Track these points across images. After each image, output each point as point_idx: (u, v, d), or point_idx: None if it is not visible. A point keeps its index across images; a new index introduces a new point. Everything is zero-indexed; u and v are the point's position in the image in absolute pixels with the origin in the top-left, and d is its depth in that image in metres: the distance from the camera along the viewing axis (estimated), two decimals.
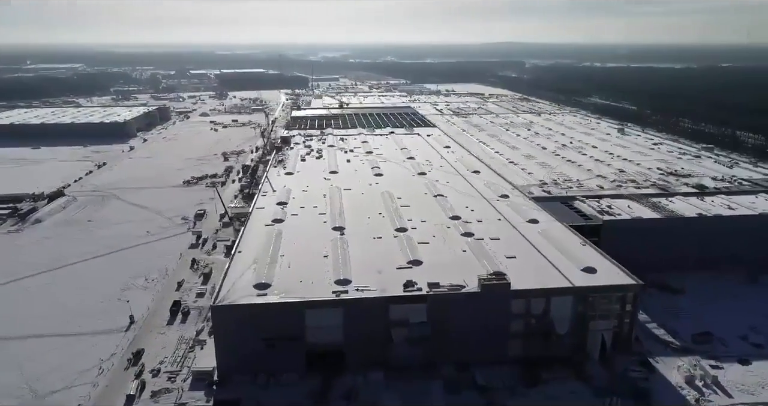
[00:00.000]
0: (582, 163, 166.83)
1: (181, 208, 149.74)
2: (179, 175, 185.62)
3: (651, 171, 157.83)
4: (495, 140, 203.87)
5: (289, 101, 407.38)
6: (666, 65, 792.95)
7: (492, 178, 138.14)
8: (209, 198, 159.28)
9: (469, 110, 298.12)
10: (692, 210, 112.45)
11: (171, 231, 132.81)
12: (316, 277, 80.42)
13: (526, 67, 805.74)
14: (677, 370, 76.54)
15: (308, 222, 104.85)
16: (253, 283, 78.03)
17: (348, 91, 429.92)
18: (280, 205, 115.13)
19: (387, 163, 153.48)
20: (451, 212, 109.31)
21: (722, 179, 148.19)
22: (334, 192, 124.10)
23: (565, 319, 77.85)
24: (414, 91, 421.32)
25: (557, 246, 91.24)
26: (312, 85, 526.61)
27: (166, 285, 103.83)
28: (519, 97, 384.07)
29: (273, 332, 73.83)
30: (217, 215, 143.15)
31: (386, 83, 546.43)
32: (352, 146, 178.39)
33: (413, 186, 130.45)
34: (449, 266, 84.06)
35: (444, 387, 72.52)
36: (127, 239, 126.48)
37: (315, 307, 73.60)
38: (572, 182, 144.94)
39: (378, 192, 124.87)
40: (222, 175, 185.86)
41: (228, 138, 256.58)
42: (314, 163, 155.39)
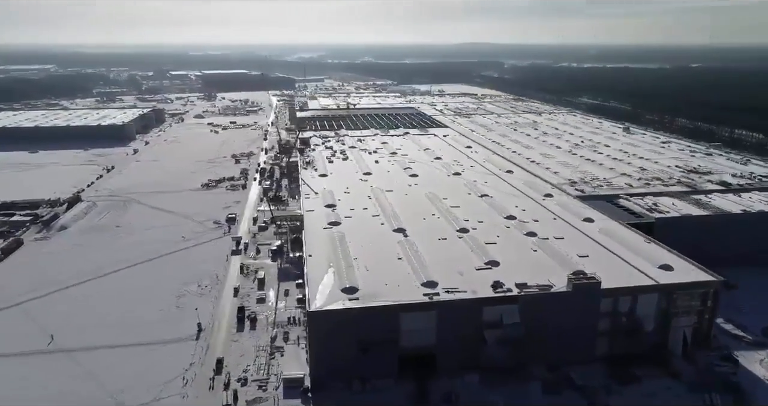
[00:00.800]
0: (602, 161, 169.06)
1: (209, 212, 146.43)
2: (194, 179, 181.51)
3: (671, 169, 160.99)
4: (507, 140, 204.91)
5: (281, 103, 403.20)
6: (639, 65, 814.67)
7: (528, 178, 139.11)
8: (234, 202, 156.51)
9: (469, 110, 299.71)
10: (735, 206, 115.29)
11: (206, 236, 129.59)
12: (400, 280, 79.45)
13: (505, 67, 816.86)
14: (759, 363, 78.28)
15: (366, 224, 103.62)
16: (339, 287, 76.57)
17: (338, 92, 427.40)
18: (329, 207, 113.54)
19: (417, 164, 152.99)
20: (503, 212, 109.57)
21: (741, 176, 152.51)
22: (378, 193, 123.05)
23: (650, 316, 78.83)
24: (406, 92, 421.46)
25: (624, 244, 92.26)
26: (299, 86, 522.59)
27: (222, 291, 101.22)
28: (512, 97, 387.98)
29: (368, 337, 72.60)
30: (246, 219, 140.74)
31: (373, 84, 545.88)
32: (373, 147, 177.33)
33: (453, 186, 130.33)
34: (525, 266, 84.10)
35: (542, 388, 72.50)
36: (164, 245, 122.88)
37: (410, 310, 72.64)
38: (600, 180, 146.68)
39: (421, 193, 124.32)
40: (239, 177, 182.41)
41: (232, 140, 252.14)
42: (343, 164, 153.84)
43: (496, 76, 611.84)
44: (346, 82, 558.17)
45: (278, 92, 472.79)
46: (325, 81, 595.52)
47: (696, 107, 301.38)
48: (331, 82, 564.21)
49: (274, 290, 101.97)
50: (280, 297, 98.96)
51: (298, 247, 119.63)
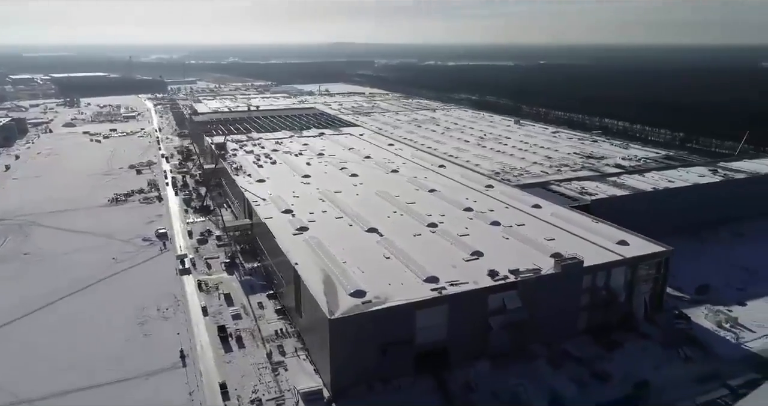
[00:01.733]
0: (511, 152, 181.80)
1: (132, 229, 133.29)
2: (96, 194, 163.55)
3: (572, 156, 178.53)
4: (418, 136, 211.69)
5: (160, 107, 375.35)
6: (497, 63, 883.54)
7: (461, 171, 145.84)
8: (156, 215, 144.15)
9: (366, 109, 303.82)
10: (645, 185, 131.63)
11: (141, 255, 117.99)
12: (401, 279, 79.82)
13: (376, 66, 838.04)
14: (704, 317, 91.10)
15: (335, 227, 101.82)
16: (346, 292, 74.96)
17: (222, 94, 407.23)
18: (287, 213, 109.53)
19: (350, 164, 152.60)
20: (458, 205, 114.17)
21: (630, 159, 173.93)
22: (330, 196, 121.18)
23: (620, 288, 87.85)
24: (293, 93, 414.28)
25: (578, 225, 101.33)
26: (171, 89, 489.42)
27: (189, 312, 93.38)
28: (400, 95, 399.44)
29: (387, 338, 72.26)
30: (179, 233, 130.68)
31: (251, 85, 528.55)
32: (296, 149, 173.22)
33: (397, 184, 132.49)
34: (505, 253, 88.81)
35: (548, 364, 77.71)
36: (95, 270, 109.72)
37: (424, 307, 73.51)
38: (519, 170, 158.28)
39: (371, 192, 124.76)
40: (150, 189, 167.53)
41: (121, 149, 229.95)
42: (275, 169, 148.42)
43: (375, 75, 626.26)
44: (221, 84, 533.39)
45: (151, 96, 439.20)
46: (198, 83, 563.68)
47: (563, 100, 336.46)
48: (206, 84, 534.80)
49: (245, 304, 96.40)
50: (255, 311, 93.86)
51: (251, 257, 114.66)
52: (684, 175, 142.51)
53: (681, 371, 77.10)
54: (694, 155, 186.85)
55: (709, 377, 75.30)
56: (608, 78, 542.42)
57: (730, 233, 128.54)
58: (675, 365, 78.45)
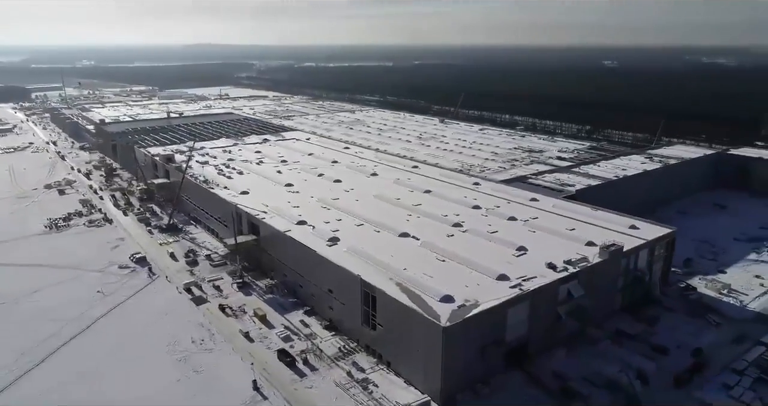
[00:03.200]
0: (459, 150, 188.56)
1: (97, 256, 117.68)
2: (22, 220, 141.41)
3: (515, 151, 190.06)
4: (357, 138, 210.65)
5: (36, 117, 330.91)
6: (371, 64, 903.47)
7: (436, 170, 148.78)
8: (118, 239, 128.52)
9: (284, 113, 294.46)
10: (608, 174, 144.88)
11: (130, 285, 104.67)
12: (472, 280, 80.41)
13: (257, 68, 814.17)
14: (705, 287, 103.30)
15: (365, 235, 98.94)
16: (436, 298, 73.89)
17: (108, 103, 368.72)
18: (302, 224, 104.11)
19: (322, 170, 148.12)
20: (464, 203, 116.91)
21: (565, 151, 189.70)
22: (331, 203, 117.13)
23: (645, 268, 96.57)
24: (189, 98, 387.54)
25: (583, 214, 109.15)
26: (36, 96, 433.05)
27: (231, 340, 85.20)
28: (308, 98, 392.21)
29: (486, 340, 72.66)
30: (160, 256, 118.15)
31: (130, 90, 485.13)
32: (252, 158, 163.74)
33: (387, 186, 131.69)
34: (543, 245, 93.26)
35: (612, 343, 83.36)
36: (84, 307, 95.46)
37: (514, 304, 75.00)
38: (478, 166, 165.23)
39: (368, 197, 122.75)
40: (89, 211, 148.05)
41: (19, 168, 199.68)
42: (247, 179, 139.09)
43: (269, 78, 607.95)
44: (94, 90, 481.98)
45: (16, 105, 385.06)
46: (65, 89, 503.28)
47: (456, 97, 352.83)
48: (78, 90, 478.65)
49: (286, 323, 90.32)
50: (302, 330, 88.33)
51: (259, 274, 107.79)
52: (629, 163, 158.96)
53: (717, 336, 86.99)
54: (613, 145, 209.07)
55: (742, 338, 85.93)
56: (486, 76, 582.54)
57: (676, 212, 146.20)
58: (709, 331, 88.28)
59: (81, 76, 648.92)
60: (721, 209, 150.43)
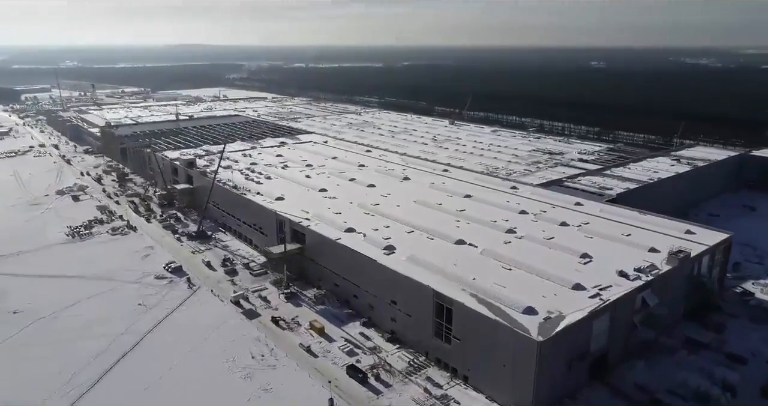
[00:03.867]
0: (481, 153, 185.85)
1: (129, 266, 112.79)
2: (41, 228, 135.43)
3: (534, 153, 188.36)
4: (372, 140, 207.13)
5: (30, 119, 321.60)
6: (362, 64, 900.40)
7: (467, 174, 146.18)
8: (146, 247, 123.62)
9: (287, 114, 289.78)
10: (642, 176, 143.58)
11: (170, 297, 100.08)
12: (546, 290, 77.76)
13: (248, 69, 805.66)
14: (761, 292, 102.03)
15: (420, 243, 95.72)
16: (518, 311, 71.04)
17: (105, 105, 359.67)
18: (350, 232, 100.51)
19: (352, 174, 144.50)
20: (509, 208, 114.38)
21: (584, 153, 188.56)
22: (372, 209, 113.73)
23: (707, 274, 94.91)
24: (188, 100, 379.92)
25: (633, 219, 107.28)
26: (25, 98, 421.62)
27: (292, 356, 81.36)
28: (309, 99, 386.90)
29: (573, 353, 70.05)
30: (195, 266, 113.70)
31: (122, 91, 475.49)
32: (275, 162, 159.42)
33: (424, 191, 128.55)
34: (606, 252, 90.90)
35: (686, 349, 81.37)
36: (127, 322, 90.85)
37: (598, 315, 72.48)
38: (504, 169, 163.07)
39: (408, 202, 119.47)
40: (109, 218, 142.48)
41: (24, 172, 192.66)
42: (277, 184, 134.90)
43: (267, 78, 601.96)
44: (86, 91, 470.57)
45: (7, 107, 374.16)
46: (53, 91, 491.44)
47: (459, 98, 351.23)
48: (69, 92, 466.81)
49: (345, 336, 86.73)
50: (363, 342, 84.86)
51: (303, 283, 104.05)
52: (657, 165, 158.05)
53: None
54: (630, 147, 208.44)
55: None
56: (480, 76, 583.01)
57: (707, 214, 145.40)
58: None
59: (66, 77, 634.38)
60: (751, 210, 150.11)
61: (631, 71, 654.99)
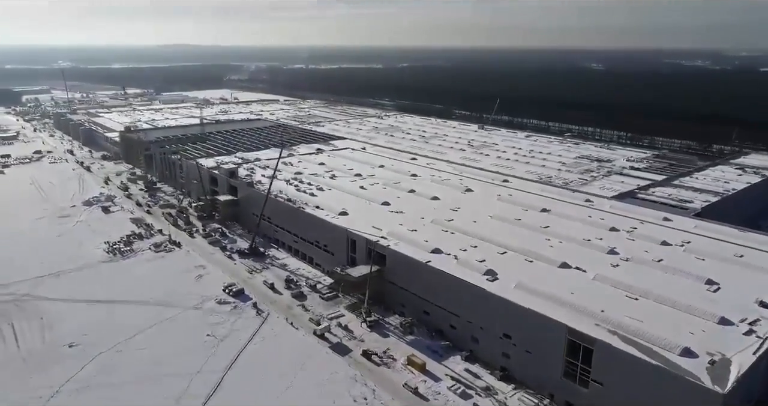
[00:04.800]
0: (527, 160, 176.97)
1: (183, 289, 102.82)
2: (76, 244, 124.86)
3: (582, 160, 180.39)
4: (406, 146, 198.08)
5: (36, 122, 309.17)
6: (361, 65, 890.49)
7: (528, 184, 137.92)
8: (197, 267, 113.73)
9: (306, 118, 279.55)
10: (716, 187, 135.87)
11: (239, 326, 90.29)
12: (691, 324, 69.19)
13: (251, 70, 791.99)
14: None
15: (520, 266, 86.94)
16: (675, 353, 62.30)
17: (114, 107, 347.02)
18: (437, 253, 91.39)
19: (406, 183, 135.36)
20: (596, 225, 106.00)
21: (633, 160, 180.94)
22: (449, 225, 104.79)
23: None
24: (196, 102, 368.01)
25: (734, 237, 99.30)
26: (26, 99, 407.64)
27: (397, 398, 72.11)
28: (323, 102, 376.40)
29: (743, 399, 61.54)
30: (253, 287, 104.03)
31: (125, 93, 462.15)
32: (320, 171, 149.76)
33: (495, 205, 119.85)
34: (730, 277, 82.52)
35: None
36: (200, 357, 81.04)
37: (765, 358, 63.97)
38: (558, 178, 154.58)
39: (483, 217, 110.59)
40: (147, 232, 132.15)
41: (44, 180, 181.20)
42: (330, 196, 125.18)
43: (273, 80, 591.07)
44: (88, 93, 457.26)
45: (9, 110, 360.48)
46: (52, 92, 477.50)
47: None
48: (71, 93, 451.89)
49: (449, 373, 77.61)
50: (472, 381, 75.84)
51: (383, 309, 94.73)
52: (723, 174, 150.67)
53: None
54: (676, 154, 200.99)
55: None
56: (483, 78, 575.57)
57: None
58: None
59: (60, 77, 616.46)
60: None
61: (635, 73, 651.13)
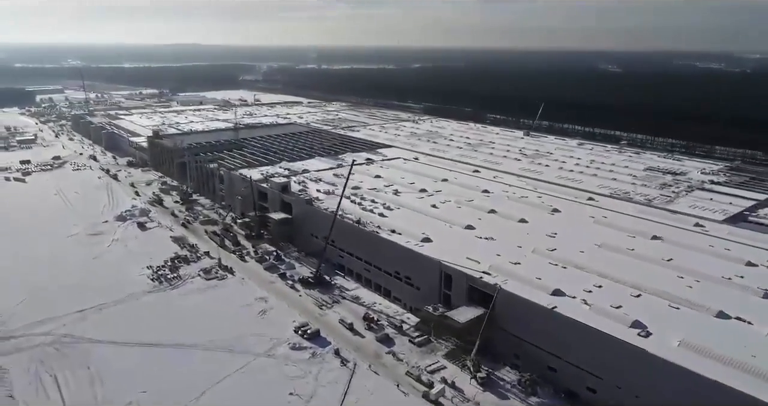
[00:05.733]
0: (594, 172, 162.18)
1: (244, 329, 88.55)
2: (115, 270, 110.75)
3: (654, 172, 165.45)
4: (457, 155, 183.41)
5: (52, 124, 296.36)
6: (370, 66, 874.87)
7: (622, 204, 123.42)
8: (258, 299, 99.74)
9: (336, 121, 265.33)
10: None
11: (327, 381, 76.13)
12: None
13: (264, 70, 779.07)
14: None
15: (674, 317, 72.36)
16: None
17: (133, 108, 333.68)
18: (559, 295, 76.98)
19: (482, 202, 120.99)
20: (727, 258, 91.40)
21: (707, 172, 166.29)
22: (556, 256, 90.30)
23: None
24: (223, 105, 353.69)
25: None
26: (41, 99, 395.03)
27: None
28: (348, 104, 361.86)
29: None
30: (326, 325, 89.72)
31: (141, 93, 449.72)
32: (378, 185, 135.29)
33: (591, 230, 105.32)
34: None
35: None
36: None
37: None
38: (637, 193, 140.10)
39: (587, 245, 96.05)
40: (193, 255, 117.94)
41: (70, 190, 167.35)
42: (401, 217, 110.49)
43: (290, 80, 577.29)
44: (103, 93, 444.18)
45: (23, 110, 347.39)
46: (65, 91, 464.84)
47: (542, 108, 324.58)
48: (85, 93, 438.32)
49: None
50: None
51: (489, 359, 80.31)
52: None
53: None
54: (754, 165, 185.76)
55: None
56: (504, 79, 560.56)
57: None
58: None
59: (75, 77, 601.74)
60: None
61: (655, 75, 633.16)
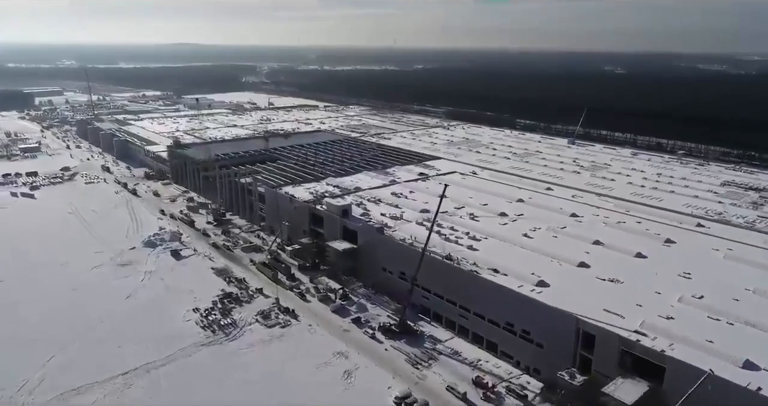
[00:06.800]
0: (666, 188, 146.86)
1: (328, 400, 71.48)
2: (157, 316, 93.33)
3: (732, 187, 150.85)
4: (507, 167, 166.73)
5: (54, 129, 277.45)
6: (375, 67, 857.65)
7: (731, 230, 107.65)
8: (336, 353, 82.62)
9: (361, 127, 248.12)
10: None
11: None
12: None
13: (265, 71, 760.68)
14: None
15: None
16: None
17: (142, 112, 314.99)
18: (751, 369, 60.84)
19: (575, 229, 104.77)
20: None
21: None
22: (713, 308, 74.19)
23: None
24: (226, 107, 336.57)
25: None
26: (41, 102, 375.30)
27: None
28: (368, 108, 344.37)
29: None
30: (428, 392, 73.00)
31: (144, 96, 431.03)
32: (451, 208, 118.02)
33: (720, 267, 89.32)
34: None
35: None
36: None
37: None
38: (731, 214, 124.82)
39: (741, 293, 79.80)
40: (243, 293, 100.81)
41: (86, 208, 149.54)
42: (494, 251, 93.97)
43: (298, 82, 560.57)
44: (105, 95, 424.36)
45: (23, 114, 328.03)
46: (65, 93, 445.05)
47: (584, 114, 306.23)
48: (85, 95, 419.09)
49: None
50: None
51: None
52: None
53: None
54: None
55: None
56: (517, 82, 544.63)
57: None
58: None
59: (70, 78, 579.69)
60: None
61: (660, 78, 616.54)
